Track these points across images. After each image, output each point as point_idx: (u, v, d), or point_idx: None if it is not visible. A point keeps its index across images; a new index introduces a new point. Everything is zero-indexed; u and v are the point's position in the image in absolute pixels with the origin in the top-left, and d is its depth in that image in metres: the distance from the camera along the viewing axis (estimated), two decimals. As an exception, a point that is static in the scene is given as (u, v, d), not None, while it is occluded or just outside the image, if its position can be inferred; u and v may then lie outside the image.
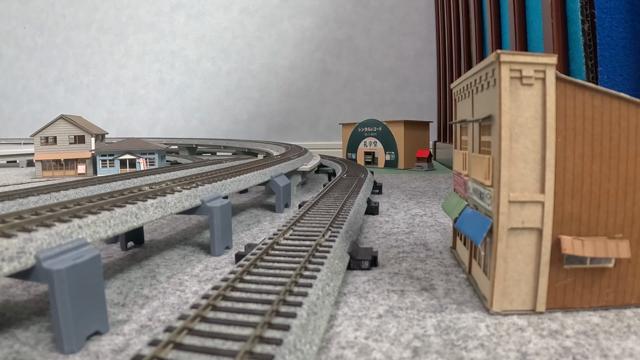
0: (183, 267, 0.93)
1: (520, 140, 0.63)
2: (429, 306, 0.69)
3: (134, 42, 5.07)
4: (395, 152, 3.29)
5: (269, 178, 1.56)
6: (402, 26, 4.47)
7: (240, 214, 1.54)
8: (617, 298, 0.66)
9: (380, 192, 1.98)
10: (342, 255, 0.84)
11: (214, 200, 1.05)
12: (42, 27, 5.25)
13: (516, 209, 0.63)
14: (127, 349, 0.57)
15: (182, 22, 4.92)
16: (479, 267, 0.76)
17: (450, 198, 0.96)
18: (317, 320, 0.56)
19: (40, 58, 5.25)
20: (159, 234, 1.25)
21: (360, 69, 4.58)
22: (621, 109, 0.63)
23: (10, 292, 0.78)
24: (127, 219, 0.79)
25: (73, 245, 0.62)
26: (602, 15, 1.18)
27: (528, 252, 0.65)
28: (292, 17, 4.65)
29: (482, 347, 0.56)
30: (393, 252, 1.01)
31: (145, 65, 5.08)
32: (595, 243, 0.64)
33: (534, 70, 0.61)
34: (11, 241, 0.56)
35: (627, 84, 1.19)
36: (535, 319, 0.64)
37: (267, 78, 4.73)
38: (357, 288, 0.78)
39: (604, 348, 0.55)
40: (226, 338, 0.48)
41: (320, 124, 4.64)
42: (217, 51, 4.86)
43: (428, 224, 1.31)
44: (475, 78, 0.74)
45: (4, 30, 5.32)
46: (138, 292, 0.78)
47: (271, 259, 0.76)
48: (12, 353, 0.56)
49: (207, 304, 0.56)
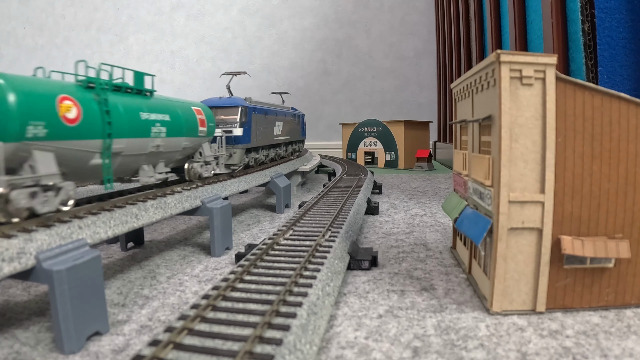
0: (183, 267, 0.93)
1: (520, 140, 0.62)
2: (429, 306, 0.69)
3: (134, 42, 5.07)
4: (395, 152, 3.29)
5: (269, 179, 1.56)
6: (402, 26, 4.47)
7: (240, 214, 1.54)
8: (617, 298, 0.66)
9: (380, 192, 1.98)
10: (342, 255, 0.84)
11: (214, 201, 1.05)
12: (42, 27, 5.25)
13: (516, 209, 0.63)
14: (127, 349, 0.57)
15: (182, 22, 4.92)
16: (479, 267, 0.76)
17: (450, 198, 0.95)
18: (317, 320, 0.56)
19: (40, 58, 5.25)
20: (159, 234, 1.25)
21: (360, 69, 4.58)
22: (621, 109, 0.63)
23: (10, 292, 0.78)
24: (127, 219, 0.79)
25: (73, 246, 0.62)
26: (602, 15, 1.17)
27: (528, 252, 0.65)
28: (292, 17, 4.65)
29: (482, 347, 0.56)
30: (393, 252, 1.01)
31: (145, 65, 5.08)
32: (595, 243, 0.64)
33: (534, 70, 0.61)
34: (11, 242, 0.56)
35: (627, 84, 1.18)
36: (535, 319, 0.64)
37: (267, 78, 4.73)
38: (357, 288, 0.78)
39: (604, 348, 0.55)
40: (226, 338, 0.48)
41: (320, 124, 4.64)
42: (217, 51, 4.86)
43: (428, 224, 1.31)
44: (475, 78, 0.74)
45: (4, 30, 5.32)
46: (138, 293, 0.78)
47: (271, 259, 0.76)
48: (12, 353, 0.56)
49: (207, 304, 0.56)
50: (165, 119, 1.01)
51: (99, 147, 0.79)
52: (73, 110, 0.73)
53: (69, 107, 0.72)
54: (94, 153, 0.78)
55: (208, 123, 1.24)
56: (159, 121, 0.98)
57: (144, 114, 0.93)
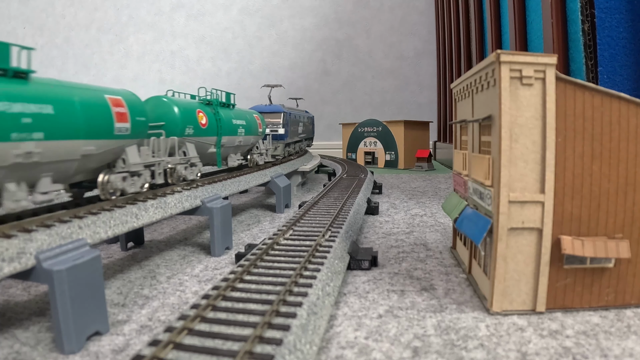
0: (183, 267, 0.93)
1: (520, 140, 0.62)
2: (429, 306, 0.69)
3: (134, 42, 5.07)
4: (395, 152, 3.29)
5: (269, 179, 1.56)
6: (402, 26, 4.47)
7: (240, 214, 1.54)
8: (617, 298, 0.66)
9: (380, 192, 1.98)
10: (342, 255, 0.84)
11: (214, 201, 1.05)
12: (42, 27, 5.25)
13: (516, 209, 0.63)
14: (127, 349, 0.57)
15: (182, 22, 4.92)
16: (479, 267, 0.76)
17: (450, 198, 0.95)
18: (317, 320, 0.56)
19: (40, 58, 5.25)
20: (159, 234, 1.25)
21: (360, 69, 4.58)
22: (621, 109, 0.63)
23: (10, 292, 0.78)
24: (127, 219, 0.79)
25: (73, 246, 0.62)
26: (602, 15, 1.17)
27: (528, 252, 0.65)
28: (292, 17, 4.65)
29: (482, 347, 0.56)
30: (393, 252, 1.01)
31: (145, 65, 5.08)
32: (595, 243, 0.64)
33: (534, 70, 0.61)
34: (11, 242, 0.56)
35: (627, 84, 1.18)
36: (535, 319, 0.64)
37: (267, 78, 4.73)
38: (357, 288, 0.78)
39: (604, 348, 0.55)
40: (226, 338, 0.48)
41: (320, 124, 4.64)
42: (217, 51, 4.86)
43: (428, 224, 1.31)
44: (475, 78, 0.74)
45: (4, 30, 5.32)
46: (138, 292, 0.78)
47: (271, 259, 0.76)
48: (12, 353, 0.56)
49: (207, 304, 0.56)
50: (243, 124, 1.50)
51: (215, 141, 1.29)
52: (204, 119, 1.22)
53: (202, 116, 1.22)
54: (211, 145, 1.28)
55: (263, 126, 1.74)
56: (240, 125, 1.46)
57: (234, 120, 1.43)
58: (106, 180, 0.83)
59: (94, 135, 0.77)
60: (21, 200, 0.65)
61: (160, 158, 0.99)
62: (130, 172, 0.89)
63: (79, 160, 0.75)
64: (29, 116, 0.63)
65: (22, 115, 0.62)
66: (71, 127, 0.71)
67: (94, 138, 0.77)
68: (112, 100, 0.84)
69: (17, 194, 0.64)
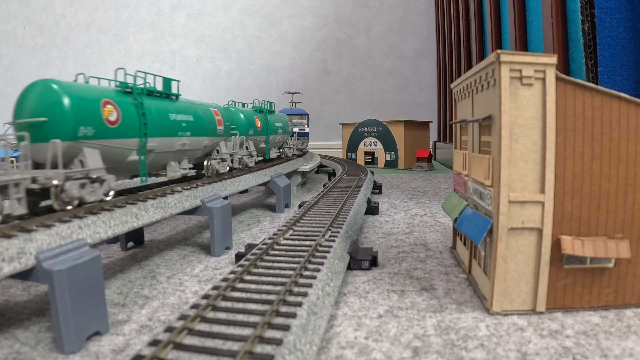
0: (183, 267, 0.93)
1: (520, 140, 0.63)
2: (429, 306, 0.69)
3: (134, 42, 5.06)
4: (395, 152, 3.29)
5: (269, 178, 1.56)
6: (402, 26, 4.47)
7: (240, 214, 1.54)
8: (617, 298, 0.66)
9: (380, 192, 1.98)
10: (342, 255, 0.84)
11: (214, 201, 1.05)
12: (42, 27, 5.24)
13: (516, 209, 0.63)
14: (127, 349, 0.57)
15: (182, 22, 4.92)
16: (479, 267, 0.76)
17: (450, 198, 0.95)
18: (317, 320, 0.56)
19: (40, 58, 5.24)
20: (159, 234, 1.25)
21: (360, 69, 4.58)
22: (621, 109, 0.63)
23: (10, 292, 0.78)
24: (127, 219, 0.79)
25: (73, 246, 0.62)
26: (602, 15, 1.18)
27: (528, 252, 0.65)
28: (292, 17, 4.65)
29: (482, 347, 0.56)
30: (393, 252, 1.01)
31: (145, 65, 5.08)
32: (595, 243, 0.64)
33: (534, 70, 0.61)
34: (11, 242, 0.56)
35: (627, 84, 1.19)
36: (535, 319, 0.64)
37: (267, 78, 4.73)
38: (357, 288, 0.78)
39: (604, 348, 0.55)
40: (226, 338, 0.48)
41: (320, 124, 4.64)
42: (217, 51, 4.86)
43: (428, 224, 1.31)
44: (475, 78, 0.74)
45: (4, 30, 5.32)
46: (138, 292, 0.78)
47: (271, 259, 0.76)
48: (12, 353, 0.56)
49: (207, 304, 0.56)
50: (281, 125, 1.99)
51: (264, 139, 1.42)
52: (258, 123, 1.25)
53: (258, 121, 1.23)
54: (261, 142, 1.37)
55: (292, 125, 2.28)
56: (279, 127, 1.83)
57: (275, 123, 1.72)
58: (209, 165, 1.27)
59: (209, 134, 1.22)
60: (177, 172, 1.08)
61: (237, 150, 1.43)
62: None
63: (201, 149, 1.20)
64: (185, 122, 1.08)
65: (182, 121, 1.06)
66: (201, 128, 1.16)
67: (209, 135, 1.22)
68: (214, 112, 1.27)
69: (175, 167, 1.08)
